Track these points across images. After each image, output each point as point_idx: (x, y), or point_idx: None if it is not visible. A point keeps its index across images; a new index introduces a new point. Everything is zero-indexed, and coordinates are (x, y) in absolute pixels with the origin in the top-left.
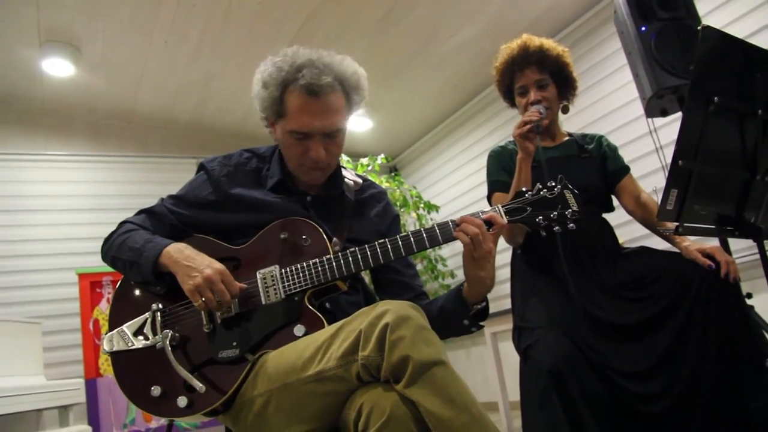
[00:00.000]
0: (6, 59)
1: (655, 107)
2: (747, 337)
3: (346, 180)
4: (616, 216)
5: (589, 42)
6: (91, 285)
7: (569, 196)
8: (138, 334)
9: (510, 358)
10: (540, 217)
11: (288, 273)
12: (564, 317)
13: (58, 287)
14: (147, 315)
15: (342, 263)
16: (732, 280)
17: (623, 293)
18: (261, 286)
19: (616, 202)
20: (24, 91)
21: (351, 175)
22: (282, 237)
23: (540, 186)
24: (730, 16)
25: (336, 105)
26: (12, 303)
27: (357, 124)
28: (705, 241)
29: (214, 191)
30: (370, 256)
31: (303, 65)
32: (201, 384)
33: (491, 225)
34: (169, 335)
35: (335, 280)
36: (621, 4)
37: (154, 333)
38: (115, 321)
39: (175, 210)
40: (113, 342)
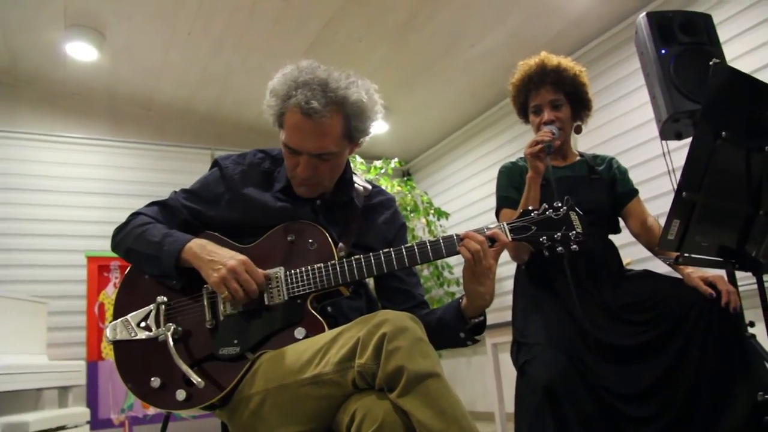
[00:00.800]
0: (31, 41)
1: (670, 130)
2: (743, 368)
3: (355, 186)
4: (621, 236)
5: (610, 60)
6: (99, 269)
7: (574, 217)
8: (141, 324)
9: (509, 370)
10: (544, 237)
11: (293, 275)
12: (563, 336)
13: (66, 268)
14: (152, 306)
15: (346, 270)
16: (732, 309)
17: (625, 315)
18: (265, 286)
19: (622, 223)
20: (46, 73)
21: (360, 181)
22: (288, 239)
23: (546, 206)
24: (751, 43)
25: (328, 129)
26: (19, 281)
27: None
28: (707, 269)
29: (227, 189)
30: (374, 264)
31: (304, 83)
32: (200, 379)
33: (494, 241)
34: (172, 328)
35: (338, 285)
36: (642, 25)
37: (157, 325)
38: (120, 309)
39: (188, 205)
40: (117, 331)
